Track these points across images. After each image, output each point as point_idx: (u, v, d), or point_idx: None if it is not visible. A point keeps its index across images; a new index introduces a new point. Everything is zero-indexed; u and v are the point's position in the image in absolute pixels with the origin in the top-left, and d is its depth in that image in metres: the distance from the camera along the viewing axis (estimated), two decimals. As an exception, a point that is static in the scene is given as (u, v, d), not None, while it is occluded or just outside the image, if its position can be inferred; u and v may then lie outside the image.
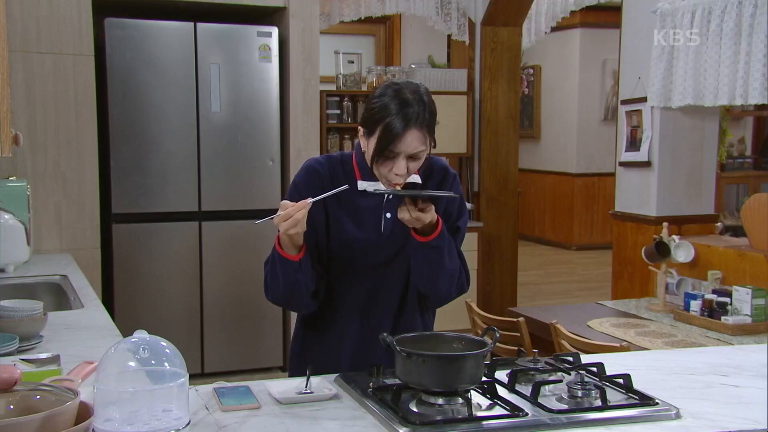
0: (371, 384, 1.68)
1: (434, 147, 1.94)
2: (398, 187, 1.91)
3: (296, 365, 2.07)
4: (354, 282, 2.01)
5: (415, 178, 2.00)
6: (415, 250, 1.94)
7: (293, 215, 1.77)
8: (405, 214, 1.85)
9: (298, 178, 2.03)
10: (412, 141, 1.86)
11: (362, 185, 1.96)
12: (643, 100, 4.34)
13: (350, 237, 1.98)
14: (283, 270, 1.89)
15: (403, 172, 1.88)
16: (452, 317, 5.46)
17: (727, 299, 3.39)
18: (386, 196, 1.97)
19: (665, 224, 3.94)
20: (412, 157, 1.89)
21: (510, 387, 1.69)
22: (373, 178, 1.96)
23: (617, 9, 4.98)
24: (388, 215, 1.99)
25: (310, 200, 1.80)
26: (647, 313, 3.70)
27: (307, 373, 1.69)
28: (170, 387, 1.43)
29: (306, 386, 1.66)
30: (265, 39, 4.59)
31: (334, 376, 1.79)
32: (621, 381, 1.71)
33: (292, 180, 2.05)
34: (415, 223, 1.86)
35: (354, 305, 2.02)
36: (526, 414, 1.54)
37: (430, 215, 1.86)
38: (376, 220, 1.99)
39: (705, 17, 3.91)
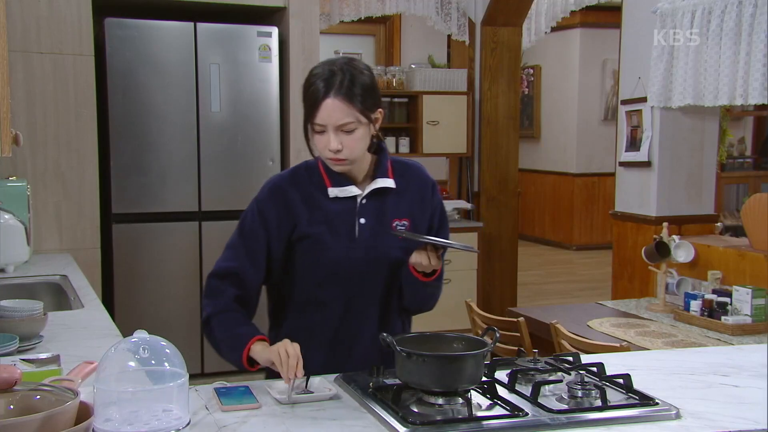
0: (371, 384, 1.69)
1: (372, 122, 1.88)
2: (335, 161, 1.86)
3: (272, 373, 2.00)
4: (331, 291, 1.94)
5: (389, 183, 1.95)
6: (413, 285, 1.93)
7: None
8: (423, 260, 1.82)
9: (262, 197, 1.96)
10: (334, 111, 1.81)
11: (333, 192, 1.92)
12: (643, 100, 4.33)
13: (324, 245, 1.91)
14: (234, 362, 1.86)
15: (335, 147, 1.83)
16: (452, 317, 5.46)
17: (727, 299, 3.39)
18: (360, 201, 1.93)
19: (665, 224, 3.94)
20: (343, 132, 1.83)
21: (510, 387, 1.69)
22: (342, 182, 1.92)
23: (617, 9, 4.98)
24: (362, 220, 1.93)
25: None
26: (647, 313, 3.70)
27: (307, 373, 1.69)
28: (170, 387, 1.43)
29: (306, 386, 1.66)
30: (265, 39, 4.59)
31: (334, 376, 1.79)
32: (621, 381, 1.71)
33: (255, 200, 1.97)
34: (428, 269, 1.85)
35: (332, 314, 1.95)
36: (526, 414, 1.54)
37: (441, 260, 1.85)
38: (349, 226, 1.93)
39: (705, 17, 3.91)
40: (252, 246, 1.92)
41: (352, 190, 1.93)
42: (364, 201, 1.94)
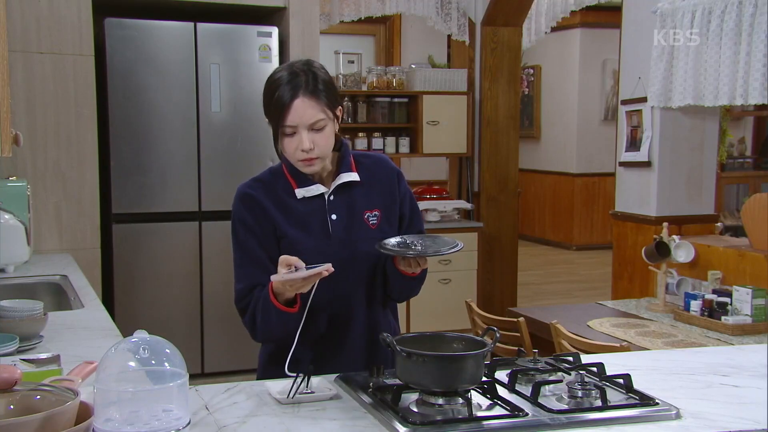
0: (371, 384, 1.69)
1: (336, 118, 1.91)
2: (306, 161, 1.87)
3: (265, 374, 2.02)
4: (315, 292, 1.89)
5: (353, 176, 1.97)
6: (399, 281, 1.96)
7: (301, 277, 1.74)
8: (411, 267, 1.87)
9: (235, 209, 1.98)
10: (305, 110, 1.84)
11: (300, 193, 1.95)
12: (643, 100, 4.34)
13: (300, 246, 1.91)
14: (280, 320, 1.86)
15: (307, 146, 1.85)
16: (452, 317, 5.47)
17: (727, 299, 3.39)
18: (327, 198, 1.95)
19: (665, 224, 3.94)
20: (314, 130, 1.86)
21: (510, 387, 1.69)
22: (308, 182, 1.95)
23: (617, 9, 4.98)
24: (334, 216, 1.95)
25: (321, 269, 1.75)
26: (647, 313, 3.70)
27: (308, 372, 1.69)
28: (170, 387, 1.43)
29: (306, 386, 1.66)
30: (265, 39, 4.59)
31: (334, 376, 1.79)
32: (621, 381, 1.71)
33: (232, 215, 1.99)
34: (417, 271, 1.89)
35: (319, 315, 1.94)
36: (526, 414, 1.54)
37: (426, 260, 1.88)
38: (322, 224, 1.95)
39: (705, 17, 3.91)
40: (254, 255, 1.93)
41: (318, 189, 1.95)
42: (331, 197, 1.96)
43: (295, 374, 1.76)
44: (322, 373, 1.78)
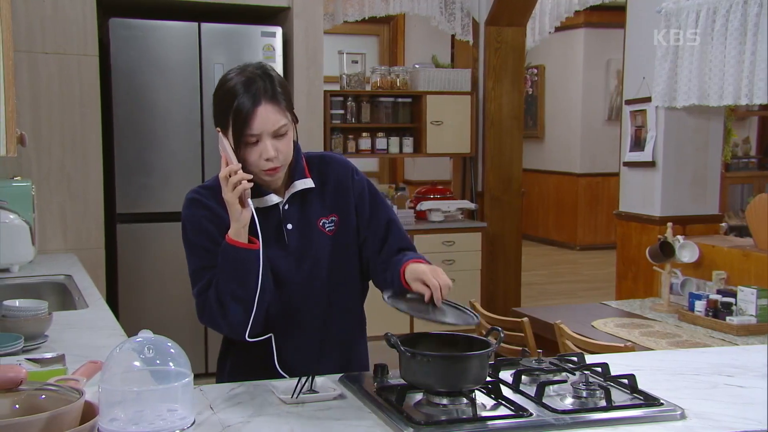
0: (376, 384, 1.69)
1: (297, 122, 1.86)
2: (271, 171, 1.80)
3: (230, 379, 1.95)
4: (275, 304, 1.87)
5: (307, 183, 1.90)
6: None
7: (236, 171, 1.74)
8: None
9: (187, 213, 1.91)
10: (268, 117, 1.77)
11: (252, 203, 1.82)
12: (648, 100, 4.33)
13: None
14: (244, 266, 1.76)
15: (272, 155, 1.78)
16: (456, 317, 5.47)
17: (731, 299, 3.39)
18: (282, 207, 1.88)
19: (669, 224, 3.94)
20: (276, 136, 1.79)
21: (514, 387, 1.69)
22: (261, 192, 1.86)
23: (621, 9, 4.98)
24: (290, 226, 1.89)
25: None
26: (651, 313, 3.70)
27: (312, 373, 1.69)
28: (175, 387, 1.43)
29: (311, 386, 1.66)
30: (269, 39, 4.60)
31: (338, 376, 1.79)
32: (626, 381, 1.70)
33: (182, 220, 1.91)
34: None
35: (282, 322, 1.89)
36: (531, 414, 1.54)
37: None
38: (278, 234, 1.88)
39: (710, 17, 3.91)
40: (211, 256, 1.84)
41: (272, 199, 1.88)
42: (286, 207, 1.89)
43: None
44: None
